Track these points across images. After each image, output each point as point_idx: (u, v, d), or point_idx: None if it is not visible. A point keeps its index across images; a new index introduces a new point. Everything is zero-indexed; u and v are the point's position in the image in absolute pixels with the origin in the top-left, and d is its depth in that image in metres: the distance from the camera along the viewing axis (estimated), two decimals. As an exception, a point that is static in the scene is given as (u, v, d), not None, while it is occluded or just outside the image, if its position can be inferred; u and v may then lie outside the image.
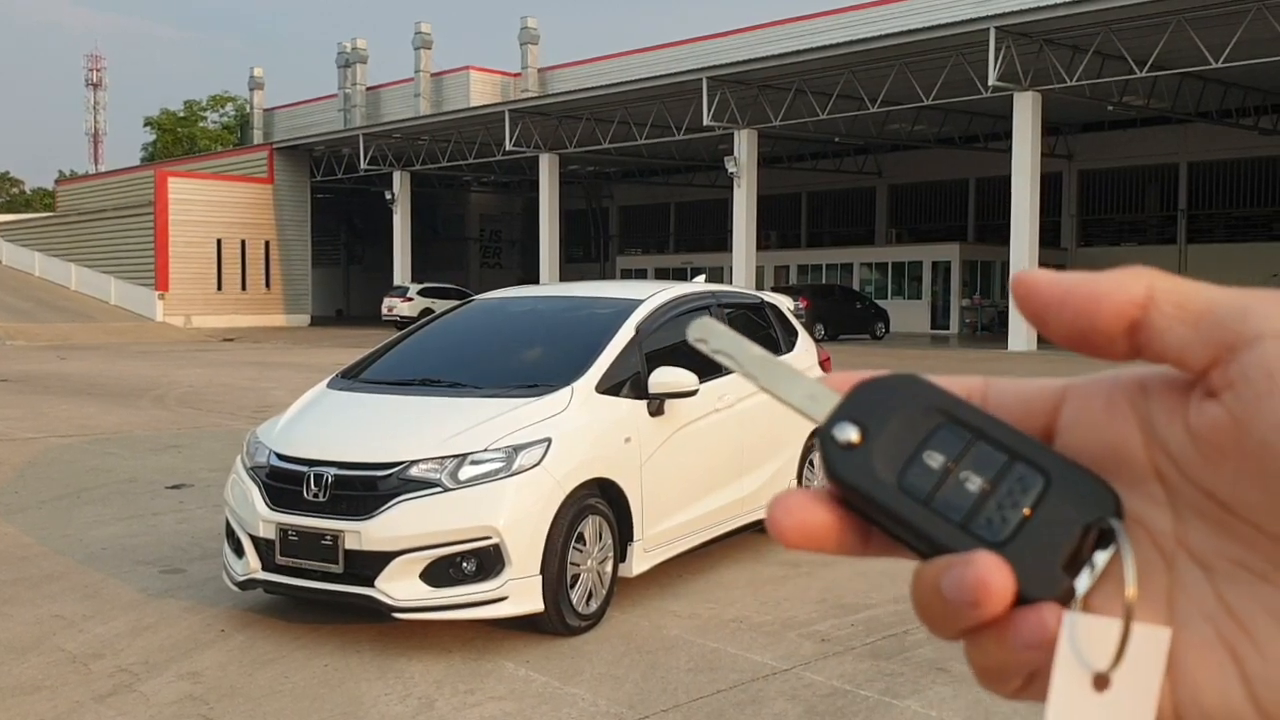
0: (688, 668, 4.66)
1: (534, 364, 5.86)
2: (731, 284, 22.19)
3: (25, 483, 8.97)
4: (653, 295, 6.20)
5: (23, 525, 7.37)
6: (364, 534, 4.77)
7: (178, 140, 68.95)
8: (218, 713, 4.24)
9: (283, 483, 5.07)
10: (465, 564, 4.78)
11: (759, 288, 17.66)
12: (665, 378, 5.58)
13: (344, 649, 4.86)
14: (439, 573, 4.77)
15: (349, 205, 50.94)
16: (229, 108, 71.09)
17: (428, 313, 35.97)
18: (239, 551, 5.20)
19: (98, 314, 40.00)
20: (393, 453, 4.94)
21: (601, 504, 5.24)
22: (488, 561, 4.78)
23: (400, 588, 4.74)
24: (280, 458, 5.16)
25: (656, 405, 5.60)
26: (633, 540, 5.43)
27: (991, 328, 36.96)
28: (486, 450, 4.90)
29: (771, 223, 40.50)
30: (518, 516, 4.82)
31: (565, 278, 40.22)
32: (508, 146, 36.88)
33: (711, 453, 6.08)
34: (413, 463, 4.87)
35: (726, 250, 36.55)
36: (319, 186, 47.05)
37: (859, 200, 45.89)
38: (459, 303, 6.91)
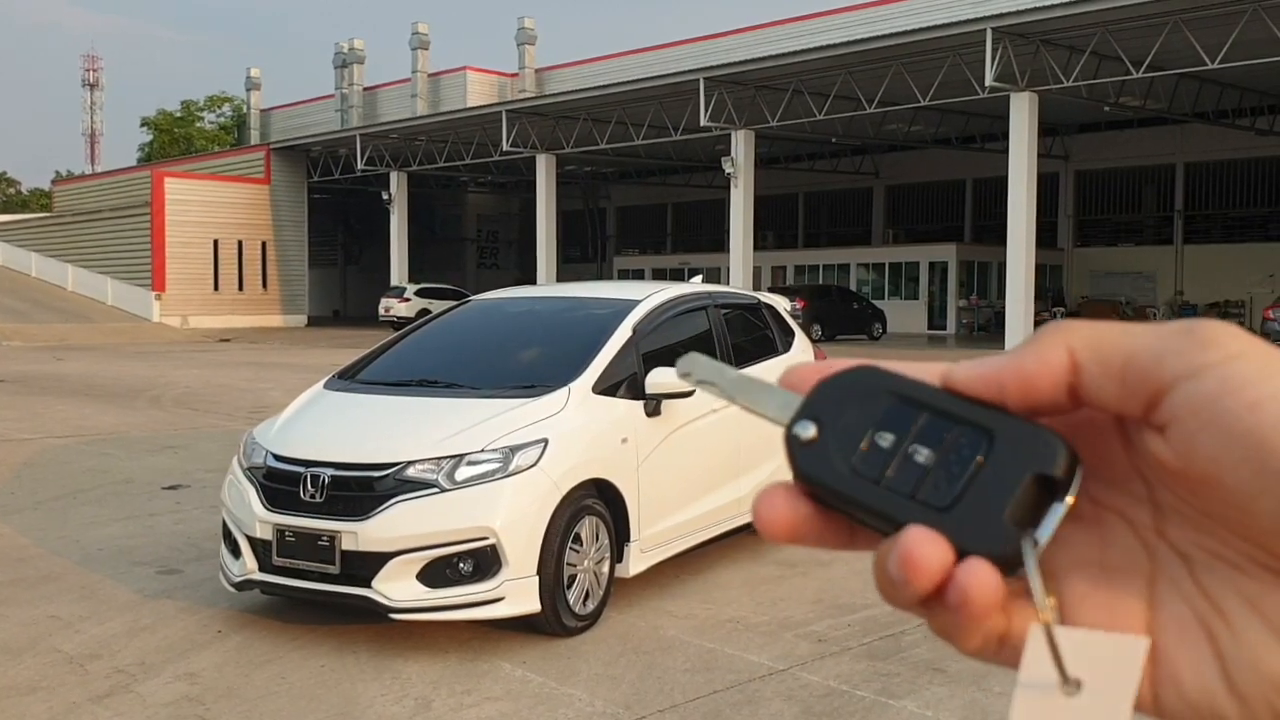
0: (684, 668, 4.66)
1: (531, 364, 5.86)
2: (729, 284, 22.15)
3: (22, 483, 8.96)
4: (649, 296, 6.21)
5: (19, 526, 7.36)
6: (361, 535, 4.78)
7: (174, 141, 68.86)
8: (214, 713, 4.24)
9: (280, 483, 5.07)
10: (462, 565, 4.79)
11: (756, 288, 17.64)
12: (662, 378, 5.58)
13: (341, 650, 4.86)
14: (436, 573, 4.77)
15: (346, 206, 50.90)
16: (226, 108, 71.00)
17: (425, 313, 35.98)
18: (236, 552, 5.20)
19: (94, 315, 39.96)
20: (390, 453, 4.94)
21: (598, 504, 5.24)
22: (484, 562, 4.79)
23: (397, 588, 4.74)
24: (277, 458, 5.16)
25: (653, 406, 5.61)
26: (629, 541, 5.43)
27: (988, 328, 36.98)
28: (483, 451, 4.91)
29: (768, 223, 40.51)
30: (514, 517, 4.82)
31: (562, 278, 40.17)
32: (505, 147, 36.85)
33: (708, 453, 6.09)
34: (409, 463, 4.87)
35: (723, 251, 36.50)
36: (316, 187, 47.01)
37: (856, 201, 45.90)
38: (456, 303, 6.90)
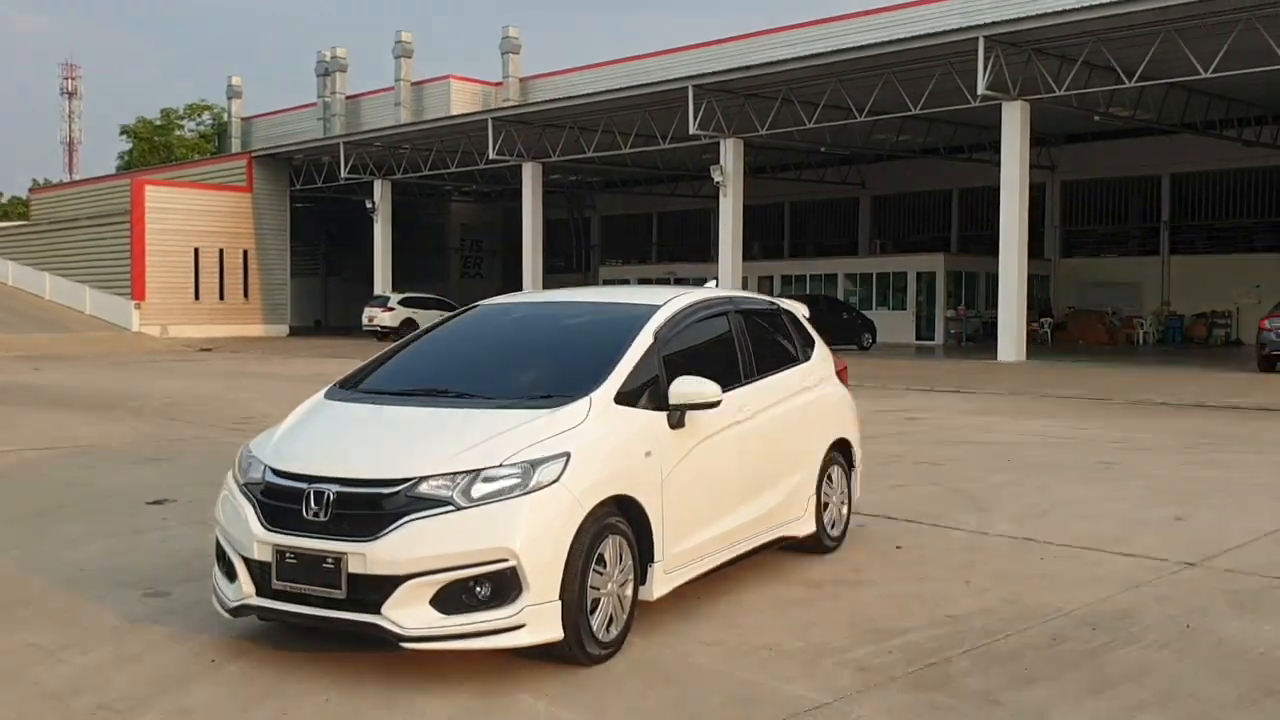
0: (721, 701, 4.30)
1: (548, 372, 5.48)
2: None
3: (-2, 498, 8.53)
4: (670, 300, 5.86)
5: (-5, 544, 6.93)
6: (369, 556, 4.40)
7: (154, 149, 68.23)
8: (211, 755, 3.85)
9: (280, 500, 4.69)
10: (479, 589, 4.41)
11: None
12: (687, 388, 5.24)
13: (347, 682, 4.48)
14: (451, 598, 4.39)
15: (328, 215, 50.42)
16: (206, 116, 70.46)
17: (409, 323, 35.61)
18: (231, 575, 4.81)
19: (73, 324, 39.33)
20: (400, 468, 4.56)
21: (622, 522, 4.88)
22: (503, 586, 4.41)
23: (409, 615, 4.36)
24: (277, 473, 4.78)
25: (678, 417, 5.26)
26: (653, 561, 5.07)
27: (976, 338, 36.86)
28: (502, 465, 4.54)
29: (755, 233, 40.28)
30: (536, 537, 4.45)
31: (548, 287, 39.83)
32: (491, 155, 36.51)
33: (733, 467, 5.74)
34: (422, 479, 4.50)
35: (709, 260, 36.21)
36: (298, 195, 46.56)
37: (842, 211, 45.77)
38: (462, 308, 6.53)
